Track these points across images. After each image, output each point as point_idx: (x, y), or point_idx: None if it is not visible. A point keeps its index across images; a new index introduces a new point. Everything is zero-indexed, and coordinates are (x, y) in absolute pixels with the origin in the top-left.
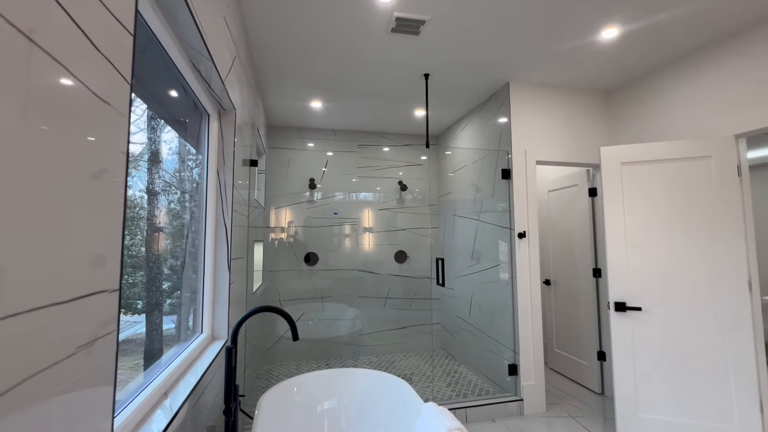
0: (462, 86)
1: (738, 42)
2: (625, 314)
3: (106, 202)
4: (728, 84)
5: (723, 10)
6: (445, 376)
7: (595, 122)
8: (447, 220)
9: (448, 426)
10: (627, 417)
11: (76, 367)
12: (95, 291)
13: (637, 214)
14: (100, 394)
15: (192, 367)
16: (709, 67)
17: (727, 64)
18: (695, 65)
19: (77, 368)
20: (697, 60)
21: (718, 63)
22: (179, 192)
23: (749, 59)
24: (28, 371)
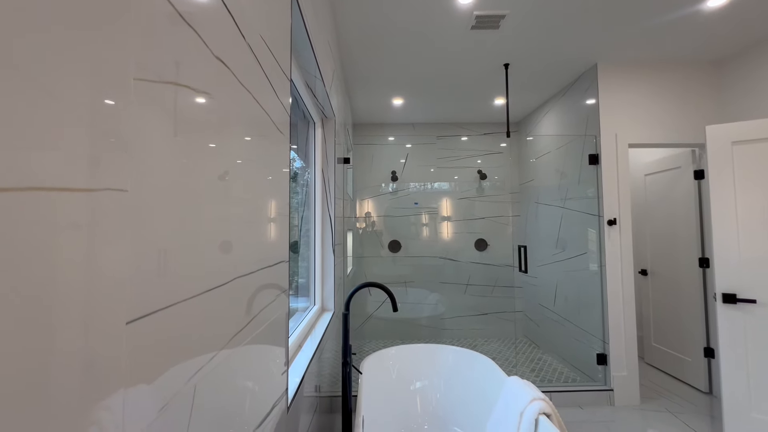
0: (544, 72)
1: None
2: (735, 306)
3: (284, 197)
4: None
5: None
6: (529, 362)
7: (700, 97)
8: (529, 207)
9: (533, 395)
10: (736, 416)
11: (280, 304)
12: (281, 260)
13: (752, 197)
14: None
15: (312, 330)
16: None
17: None
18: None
19: (280, 305)
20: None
21: None
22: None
23: None
24: (265, 302)
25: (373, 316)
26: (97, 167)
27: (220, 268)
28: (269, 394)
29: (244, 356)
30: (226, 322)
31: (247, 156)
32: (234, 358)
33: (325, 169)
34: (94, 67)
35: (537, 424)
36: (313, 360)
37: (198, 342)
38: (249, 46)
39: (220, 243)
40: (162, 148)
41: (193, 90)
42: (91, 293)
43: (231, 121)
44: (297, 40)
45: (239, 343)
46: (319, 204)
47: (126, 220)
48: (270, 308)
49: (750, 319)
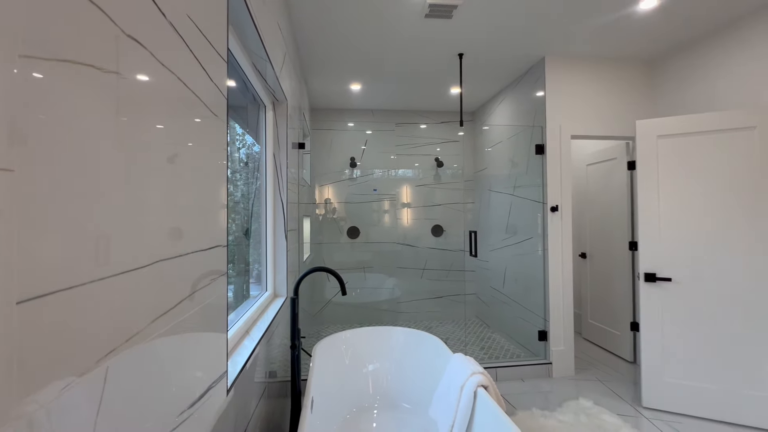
0: (497, 63)
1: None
2: (654, 284)
3: (220, 181)
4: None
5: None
6: (479, 341)
7: (635, 94)
8: (483, 194)
9: (473, 370)
10: (652, 381)
11: (216, 289)
12: (217, 245)
13: (672, 186)
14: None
15: (263, 315)
16: (757, 35)
17: (759, 41)
18: (741, 33)
19: (216, 290)
20: (744, 27)
21: (760, 32)
22: (239, 174)
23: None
24: (196, 286)
25: (332, 301)
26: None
27: (137, 250)
28: (203, 377)
29: (171, 339)
30: (146, 304)
31: (169, 139)
32: (158, 341)
33: (277, 154)
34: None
35: (476, 395)
36: (260, 345)
37: (110, 323)
38: (171, 24)
39: (136, 226)
40: (61, 129)
41: (98, 69)
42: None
43: (148, 102)
44: (238, 19)
45: (164, 326)
46: (270, 189)
47: (13, 200)
48: (204, 292)
49: (666, 295)
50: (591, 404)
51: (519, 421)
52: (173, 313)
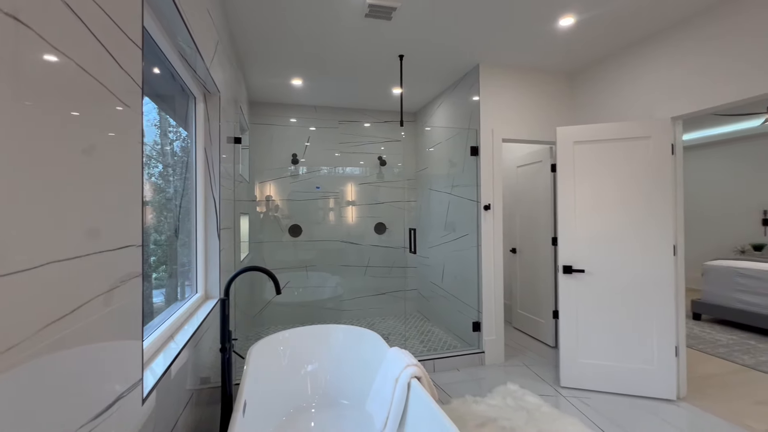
0: (436, 67)
1: (673, 36)
2: (571, 276)
3: (134, 176)
4: (667, 71)
5: (663, 6)
6: (419, 335)
7: (558, 103)
8: (424, 193)
9: (407, 362)
10: (569, 362)
11: (128, 292)
12: (130, 244)
13: (585, 188)
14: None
15: (191, 318)
16: (652, 56)
17: (666, 54)
18: (641, 53)
19: (129, 293)
20: (643, 49)
21: (658, 52)
22: (171, 169)
23: (684, 51)
24: (101, 288)
25: (273, 302)
26: None
27: (25, 251)
28: (112, 387)
29: (67, 348)
30: (33, 311)
31: (67, 132)
32: (49, 351)
33: (209, 148)
34: None
35: (409, 387)
36: (186, 350)
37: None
38: (66, 3)
39: (25, 223)
40: None
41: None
42: None
43: (40, 91)
44: (157, 3)
45: (55, 334)
46: (201, 185)
47: None
48: (112, 296)
49: (580, 285)
50: (517, 387)
51: (453, 409)
52: (69, 320)
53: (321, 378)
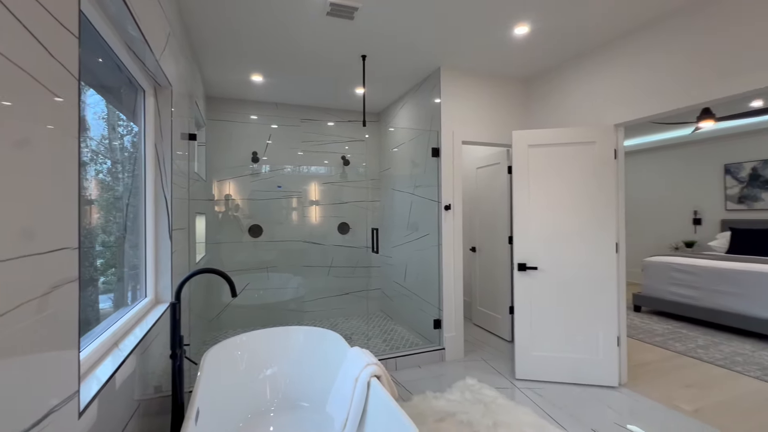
0: (398, 68)
1: (613, 49)
2: (525, 273)
3: (70, 173)
4: (610, 81)
5: (603, 23)
6: (382, 334)
7: (515, 107)
8: (387, 193)
9: (366, 361)
10: (523, 355)
11: (61, 298)
12: (64, 247)
13: (539, 189)
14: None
15: (139, 324)
16: (597, 67)
17: (608, 66)
18: (588, 64)
19: (63, 299)
20: (589, 60)
21: (602, 64)
22: (120, 166)
23: (622, 64)
24: (55, 283)
25: (232, 305)
26: None
27: None
28: (42, 401)
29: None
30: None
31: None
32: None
33: (159, 144)
34: None
35: (369, 386)
36: (132, 358)
37: None
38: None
39: None
40: None
41: None
42: None
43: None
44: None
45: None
46: (151, 184)
47: None
48: (46, 302)
49: (533, 281)
50: (475, 382)
51: (414, 405)
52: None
53: (281, 381)
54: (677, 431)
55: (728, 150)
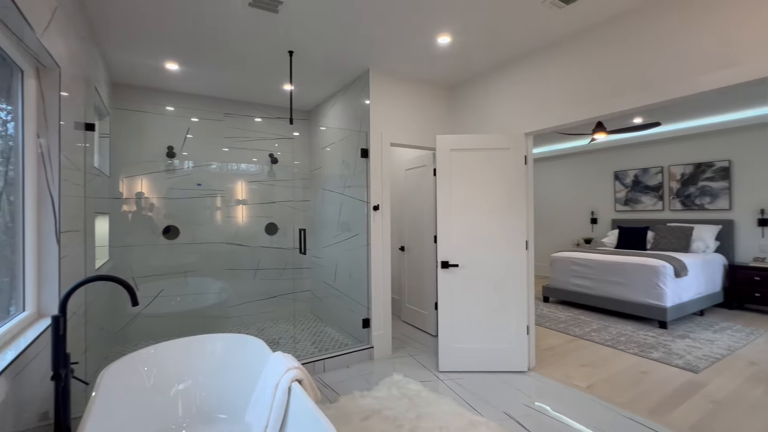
0: (328, 67)
1: (523, 64)
2: (448, 270)
3: None
4: (521, 94)
5: (517, 40)
6: (312, 336)
7: (441, 112)
8: (318, 193)
9: (288, 366)
10: (446, 349)
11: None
12: None
13: (460, 191)
14: None
15: (14, 342)
16: (511, 79)
17: (520, 79)
18: (504, 76)
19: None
20: (505, 72)
21: (515, 77)
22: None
23: (531, 79)
24: None
25: (143, 314)
26: None
27: None
28: None
29: None
30: None
31: None
32: None
33: (44, 134)
34: None
35: (290, 391)
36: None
37: None
38: None
39: None
40: None
41: None
42: None
43: None
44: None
45: None
46: (32, 179)
47: None
48: None
49: (455, 278)
50: (401, 377)
51: (340, 406)
52: None
53: (195, 395)
54: (574, 406)
55: (617, 159)
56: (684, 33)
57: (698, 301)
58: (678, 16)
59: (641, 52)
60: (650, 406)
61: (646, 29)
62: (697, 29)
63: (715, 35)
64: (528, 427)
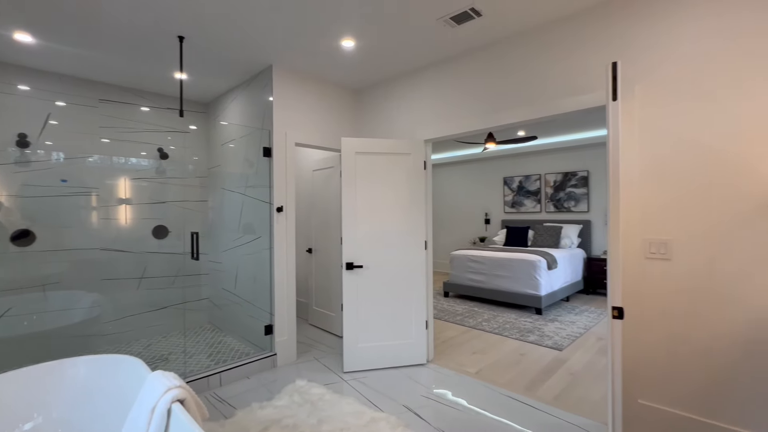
0: (227, 58)
1: (421, 75)
2: (353, 271)
3: None
4: (421, 102)
5: (416, 51)
6: (208, 348)
7: (349, 114)
8: (217, 193)
9: (167, 385)
10: (350, 348)
11: None
12: None
13: (365, 193)
14: None
15: None
16: (412, 87)
17: (420, 88)
18: (406, 84)
19: None
20: (408, 80)
21: (416, 86)
22: None
23: (432, 87)
24: None
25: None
26: None
27: None
28: None
29: None
30: None
31: None
32: None
33: None
34: None
35: (170, 413)
36: None
37: None
38: None
39: None
40: None
41: None
42: None
43: None
44: None
45: None
46: None
47: None
48: None
49: (360, 279)
50: (305, 383)
51: (236, 421)
52: None
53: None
54: (465, 390)
55: (506, 166)
56: (551, 62)
57: (565, 289)
58: (544, 47)
59: (520, 74)
60: (525, 384)
61: (521, 55)
62: (563, 59)
63: (576, 66)
64: (424, 416)
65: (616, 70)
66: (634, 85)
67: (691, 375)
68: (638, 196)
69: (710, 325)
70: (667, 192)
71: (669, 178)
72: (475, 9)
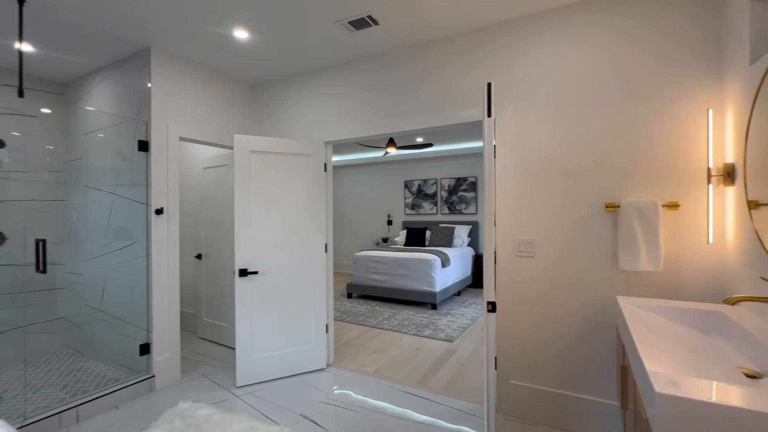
0: (89, 32)
1: (327, 75)
2: (246, 278)
3: None
4: (323, 103)
5: (314, 52)
6: (64, 377)
7: (246, 111)
8: (78, 191)
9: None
10: (244, 360)
11: None
12: None
13: (260, 195)
14: None
15: None
16: (313, 88)
17: (320, 91)
18: (307, 84)
19: None
20: (308, 80)
21: (318, 87)
22: None
23: (333, 90)
24: None
25: None
26: None
27: None
28: None
29: None
30: None
31: None
32: None
33: None
34: None
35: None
36: None
37: None
38: None
39: None
40: None
41: None
42: None
43: None
44: None
45: None
46: None
47: None
48: None
49: (254, 286)
50: (190, 404)
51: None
52: None
53: None
54: (363, 390)
55: (406, 170)
56: (442, 76)
57: (457, 284)
58: (437, 62)
59: (417, 85)
60: (419, 377)
61: (418, 66)
62: (452, 75)
63: (464, 82)
64: (321, 423)
65: (491, 90)
66: (508, 104)
67: (549, 355)
68: (511, 201)
69: (563, 308)
70: (529, 198)
71: (530, 185)
72: (372, 17)
